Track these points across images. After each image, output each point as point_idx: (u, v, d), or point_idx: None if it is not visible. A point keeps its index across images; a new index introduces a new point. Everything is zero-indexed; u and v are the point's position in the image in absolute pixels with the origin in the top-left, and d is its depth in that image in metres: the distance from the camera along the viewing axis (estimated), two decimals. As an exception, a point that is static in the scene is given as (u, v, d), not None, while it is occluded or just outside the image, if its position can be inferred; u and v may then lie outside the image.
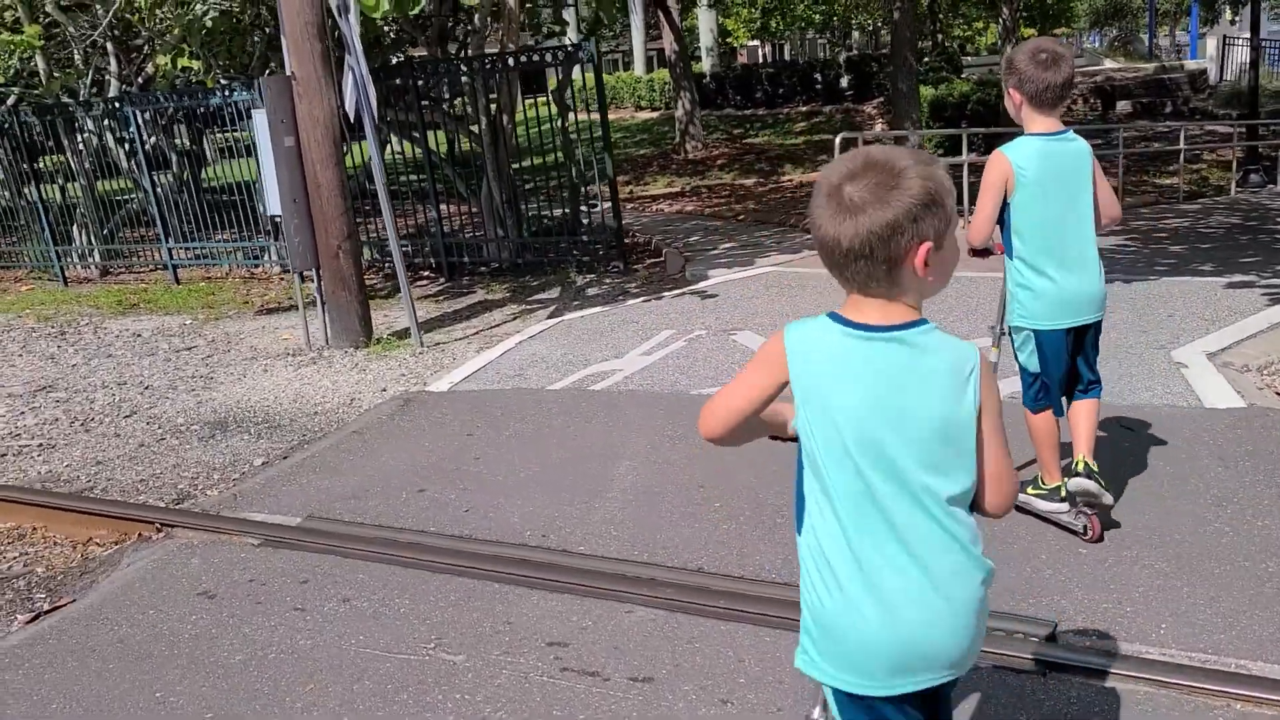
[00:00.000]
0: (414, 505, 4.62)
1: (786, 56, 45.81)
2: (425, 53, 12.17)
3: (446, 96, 11.64)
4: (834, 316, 1.69)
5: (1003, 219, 3.57)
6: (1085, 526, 3.67)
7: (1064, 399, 3.80)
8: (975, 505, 1.72)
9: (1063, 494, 3.72)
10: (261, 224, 11.28)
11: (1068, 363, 3.70)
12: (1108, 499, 3.64)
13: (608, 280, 10.01)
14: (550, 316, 8.57)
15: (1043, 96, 3.44)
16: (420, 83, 10.72)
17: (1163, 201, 14.42)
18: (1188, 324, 6.70)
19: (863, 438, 1.64)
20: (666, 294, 8.97)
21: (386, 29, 11.54)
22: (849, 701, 1.70)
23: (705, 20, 28.30)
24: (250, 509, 4.81)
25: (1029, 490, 3.83)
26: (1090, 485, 3.59)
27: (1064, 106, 3.50)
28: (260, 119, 7.87)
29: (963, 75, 26.32)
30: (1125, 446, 4.63)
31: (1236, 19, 34.62)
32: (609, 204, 10.30)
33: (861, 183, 1.59)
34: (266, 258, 11.67)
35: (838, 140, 12.21)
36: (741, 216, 14.80)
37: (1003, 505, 1.72)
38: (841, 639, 1.67)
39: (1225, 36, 26.94)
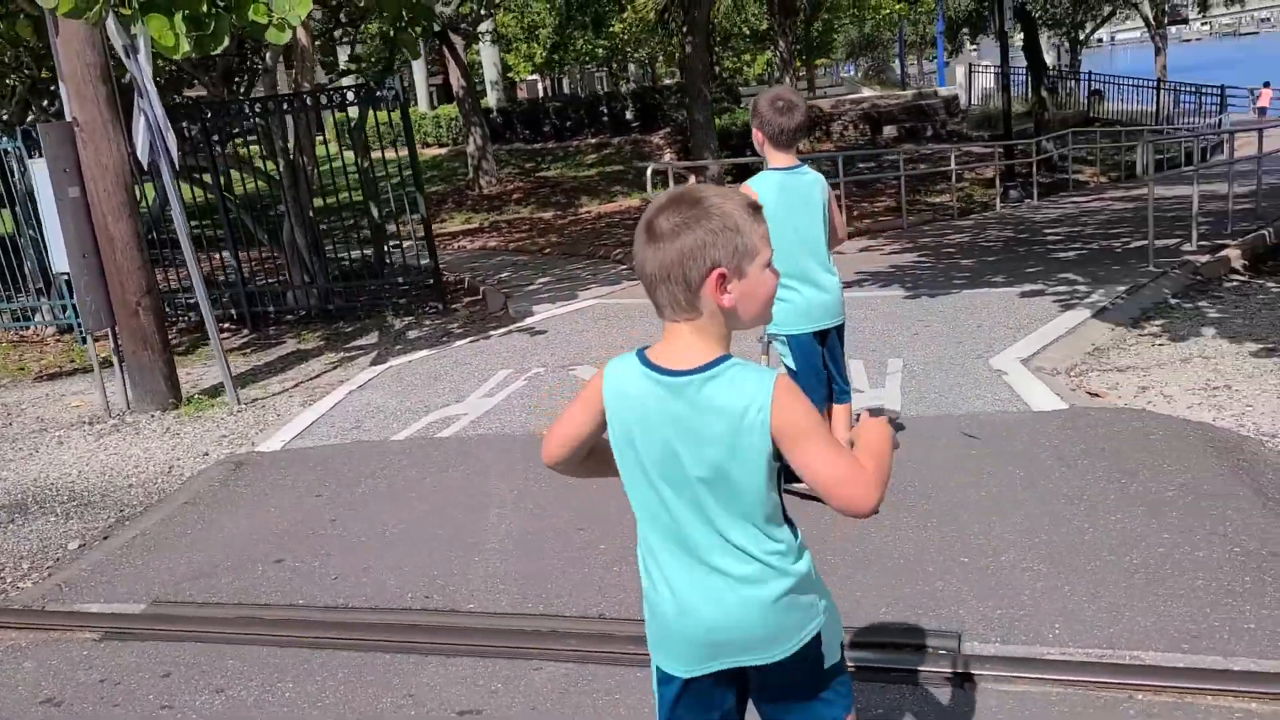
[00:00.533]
0: (274, 578, 4.30)
1: (566, 90, 46.36)
2: (205, 93, 11.55)
3: (240, 138, 11.07)
4: (640, 355, 1.81)
5: None
6: None
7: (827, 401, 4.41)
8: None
9: None
10: (29, 281, 10.33)
11: (822, 364, 4.31)
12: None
13: (428, 322, 9.75)
14: (374, 363, 8.26)
15: (780, 138, 4.04)
16: (212, 124, 10.14)
17: (940, 219, 15.44)
18: (996, 333, 7.15)
19: (659, 473, 1.80)
20: (493, 333, 8.82)
21: (164, 66, 10.86)
22: (663, 678, 1.95)
23: (488, 55, 28.25)
24: (81, 599, 4.35)
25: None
26: None
27: (800, 144, 4.12)
28: (39, 168, 7.22)
29: (742, 105, 27.42)
30: (974, 454, 4.87)
31: (975, 48, 37.70)
32: (423, 243, 10.06)
33: (667, 214, 1.74)
34: (39, 318, 10.70)
35: (648, 171, 12.41)
36: (548, 250, 14.79)
37: (853, 507, 1.75)
38: (655, 626, 1.92)
39: (971, 65, 29.28)
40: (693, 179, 15.45)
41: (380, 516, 4.84)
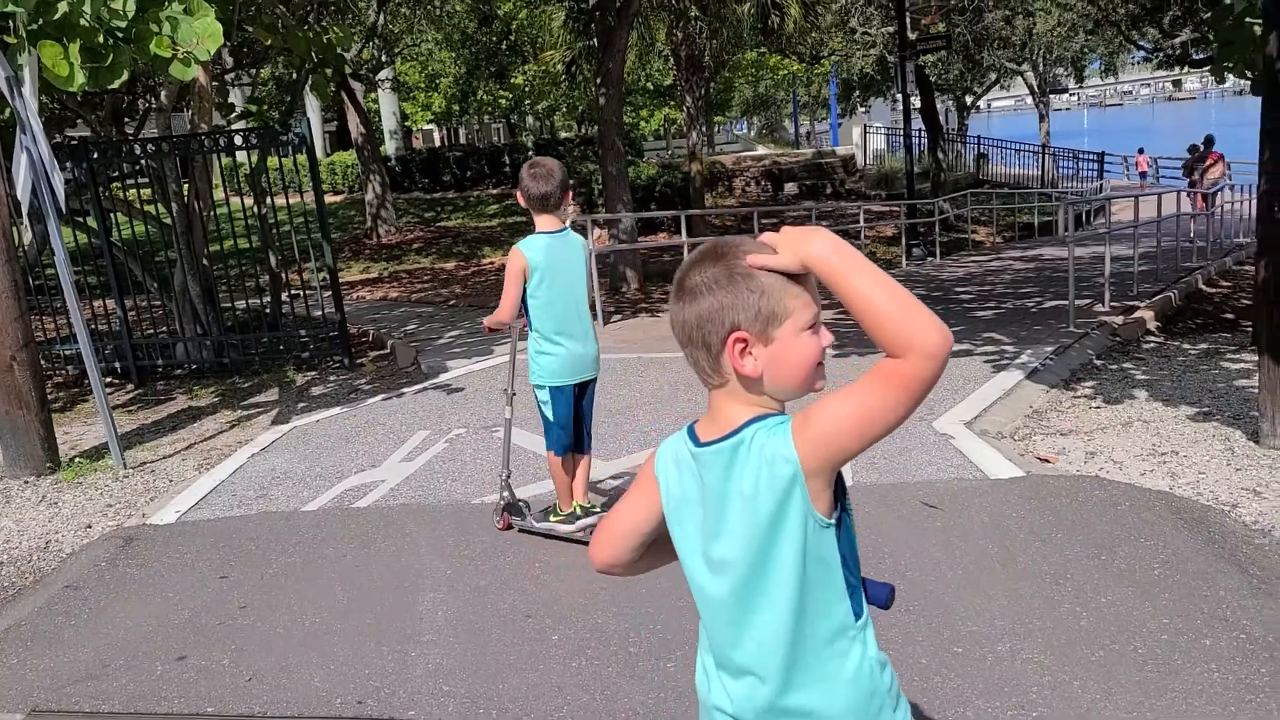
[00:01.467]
0: (177, 679, 3.75)
1: (462, 140, 45.97)
2: (88, 133, 10.83)
3: (130, 179, 10.37)
4: (689, 428, 1.66)
5: (525, 301, 4.40)
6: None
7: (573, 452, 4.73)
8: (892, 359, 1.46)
9: (577, 514, 4.69)
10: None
11: (574, 416, 4.61)
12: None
13: (333, 378, 9.18)
14: (276, 423, 7.66)
15: (540, 202, 4.35)
16: (99, 165, 9.45)
17: (849, 276, 15.51)
18: (935, 395, 6.97)
19: (703, 552, 1.63)
20: (406, 390, 8.31)
21: (48, 103, 10.13)
22: None
23: (387, 103, 27.72)
24: (-57, 708, 3.71)
25: (551, 518, 4.77)
26: (589, 520, 4.63)
27: (563, 210, 4.44)
28: (-97, 208, 6.51)
29: (645, 159, 27.48)
30: (940, 526, 4.62)
31: (867, 109, 38.74)
32: (322, 292, 9.52)
33: (695, 271, 1.58)
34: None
35: (589, 222, 12.04)
36: (452, 302, 14.32)
37: (925, 347, 1.42)
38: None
39: (866, 125, 29.99)
40: (601, 232, 15.24)
41: (298, 602, 4.32)
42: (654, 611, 3.94)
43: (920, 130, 22.06)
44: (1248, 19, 7.29)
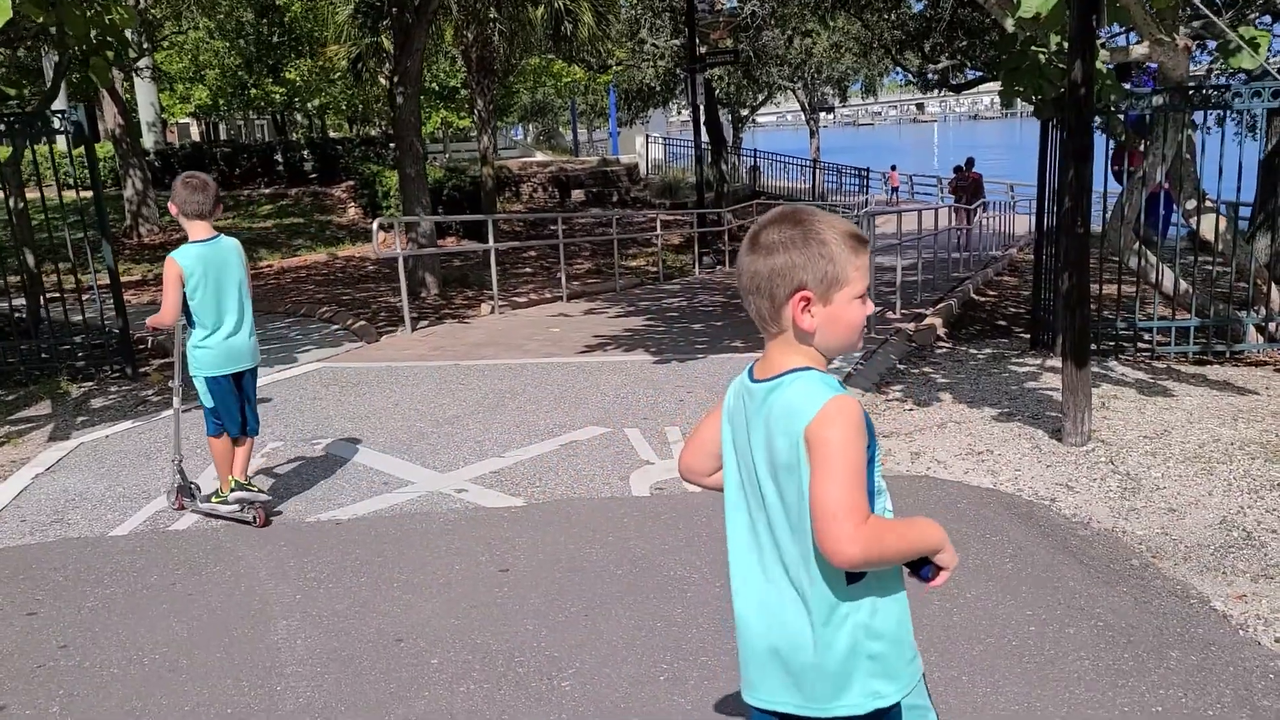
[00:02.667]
0: (-3, 735, 3.28)
1: (224, 135, 43.43)
2: None
3: None
4: (749, 368, 1.85)
5: (186, 301, 4.81)
6: (254, 517, 5.01)
7: (242, 435, 5.13)
8: None
9: (230, 499, 5.05)
10: None
11: (239, 401, 5.04)
12: (263, 496, 5.11)
13: (114, 389, 8.39)
14: (55, 439, 6.92)
15: (192, 211, 4.75)
16: None
17: (646, 282, 15.73)
18: (761, 400, 7.15)
19: (745, 480, 1.83)
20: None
21: None
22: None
23: (145, 93, 25.74)
24: None
25: (213, 499, 5.13)
26: (244, 494, 5.03)
27: (215, 216, 4.82)
28: None
29: (428, 159, 26.83)
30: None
31: (646, 120, 39.46)
32: (91, 295, 8.70)
33: (772, 230, 1.76)
34: None
35: (375, 225, 11.53)
36: (234, 306, 13.44)
37: (827, 545, 1.66)
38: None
39: (649, 135, 30.57)
40: (386, 235, 14.76)
41: (129, 638, 3.88)
42: (535, 628, 3.80)
43: (706, 142, 22.68)
44: (1032, 47, 7.89)
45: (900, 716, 1.82)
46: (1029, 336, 9.29)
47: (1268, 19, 15.52)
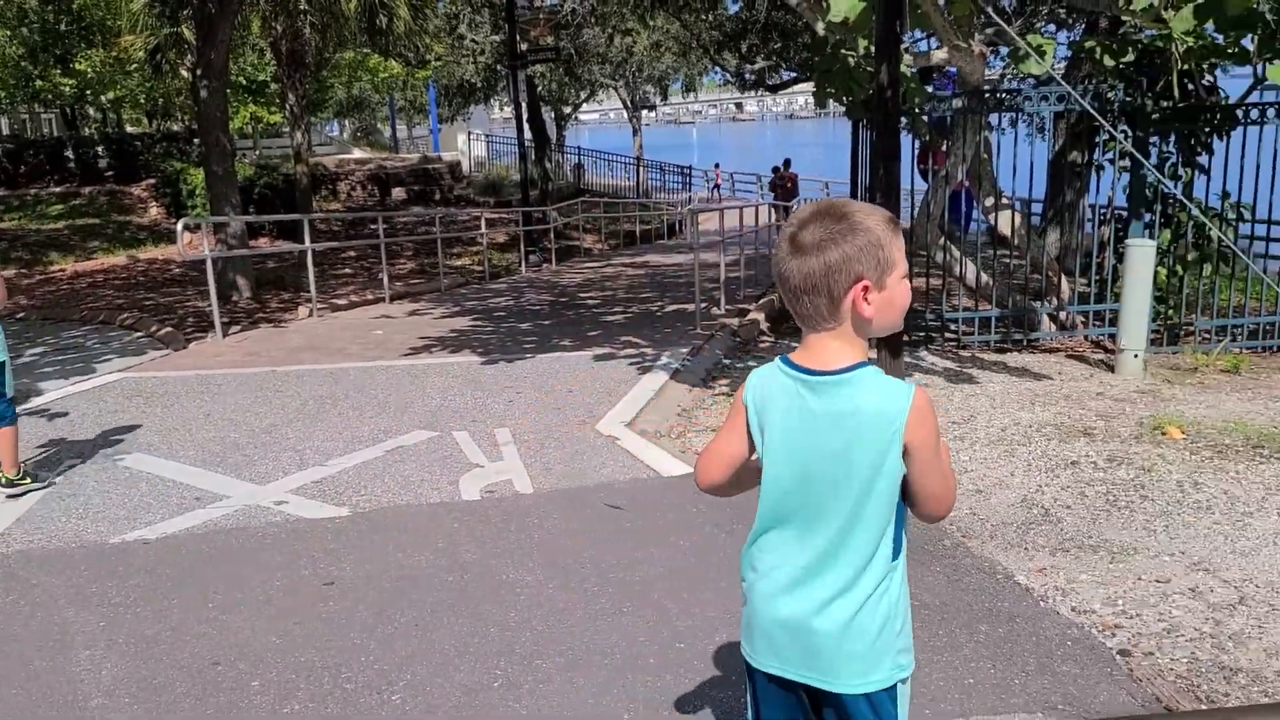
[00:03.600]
0: None
1: (4, 130, 40.31)
2: None
3: None
4: (784, 360, 1.88)
5: None
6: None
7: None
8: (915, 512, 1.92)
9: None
10: None
11: None
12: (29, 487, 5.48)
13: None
14: None
15: None
16: None
17: (471, 282, 15.52)
18: (591, 398, 7.17)
19: (798, 469, 1.86)
20: (-7, 418, 7.11)
21: None
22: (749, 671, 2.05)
23: (-88, 82, 23.63)
24: None
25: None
26: (15, 490, 5.44)
27: None
28: None
29: (239, 157, 25.65)
30: (629, 527, 4.73)
31: (467, 116, 38.97)
32: None
33: (812, 228, 1.79)
34: None
35: (180, 226, 10.92)
36: (21, 314, 12.53)
37: (944, 515, 1.91)
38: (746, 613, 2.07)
39: (471, 132, 30.18)
40: (191, 236, 14.01)
41: (-94, 682, 3.54)
42: (363, 641, 3.67)
43: (529, 139, 22.58)
44: (842, 50, 8.20)
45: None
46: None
47: (1053, 27, 16.61)
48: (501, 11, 18.88)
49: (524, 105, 18.74)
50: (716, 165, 34.60)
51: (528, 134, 20.00)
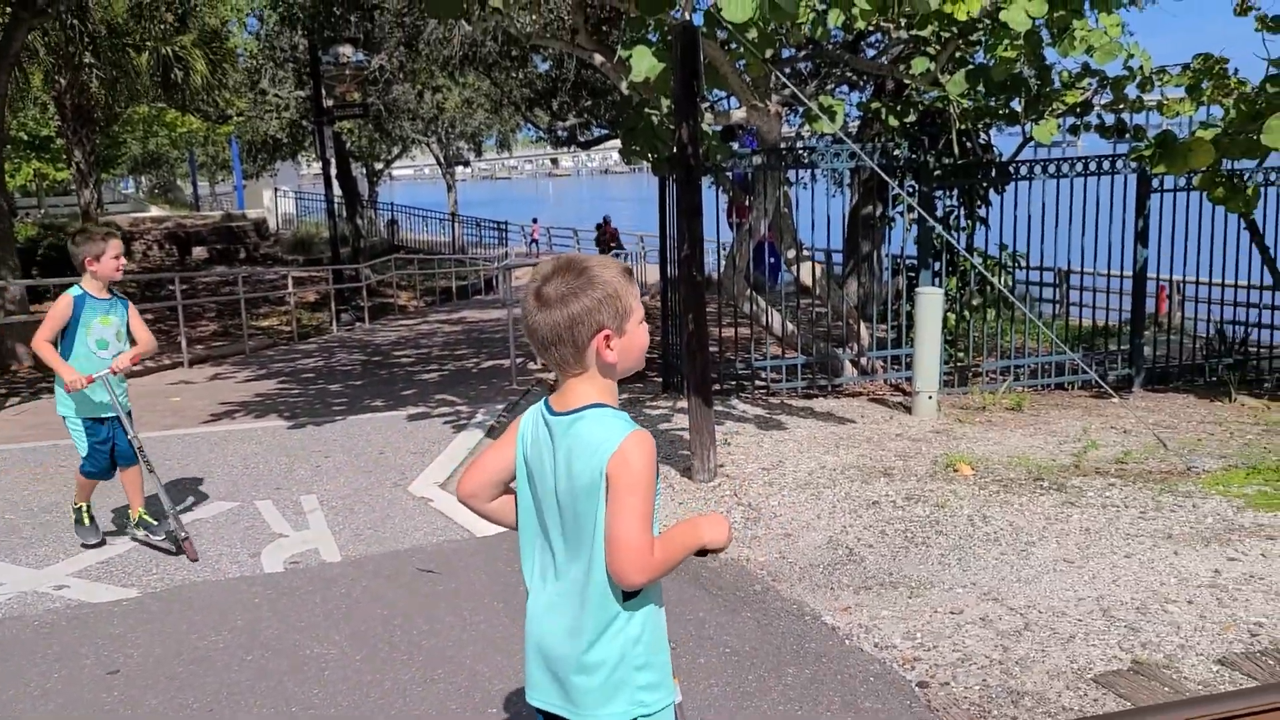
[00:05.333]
0: None
1: None
2: None
3: None
4: (545, 401, 2.01)
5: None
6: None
7: None
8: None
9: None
10: None
11: None
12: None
13: None
14: None
15: None
16: None
17: (279, 343, 14.97)
18: (403, 460, 7.00)
19: (542, 502, 1.98)
20: None
21: None
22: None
23: None
24: None
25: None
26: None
27: None
28: None
29: (16, 217, 24.03)
30: (442, 590, 4.62)
31: (274, 172, 37.91)
32: None
33: (554, 283, 1.91)
34: None
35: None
36: None
37: (617, 574, 1.87)
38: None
39: (277, 189, 29.30)
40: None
41: None
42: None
43: (339, 196, 22.14)
44: (646, 109, 8.41)
45: None
46: (661, 380, 9.80)
47: (846, 88, 17.57)
48: (306, 67, 18.50)
49: (333, 161, 18.34)
50: (534, 220, 34.76)
51: (337, 190, 19.56)
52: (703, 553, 2.02)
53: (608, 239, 22.17)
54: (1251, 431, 7.00)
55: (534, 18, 13.68)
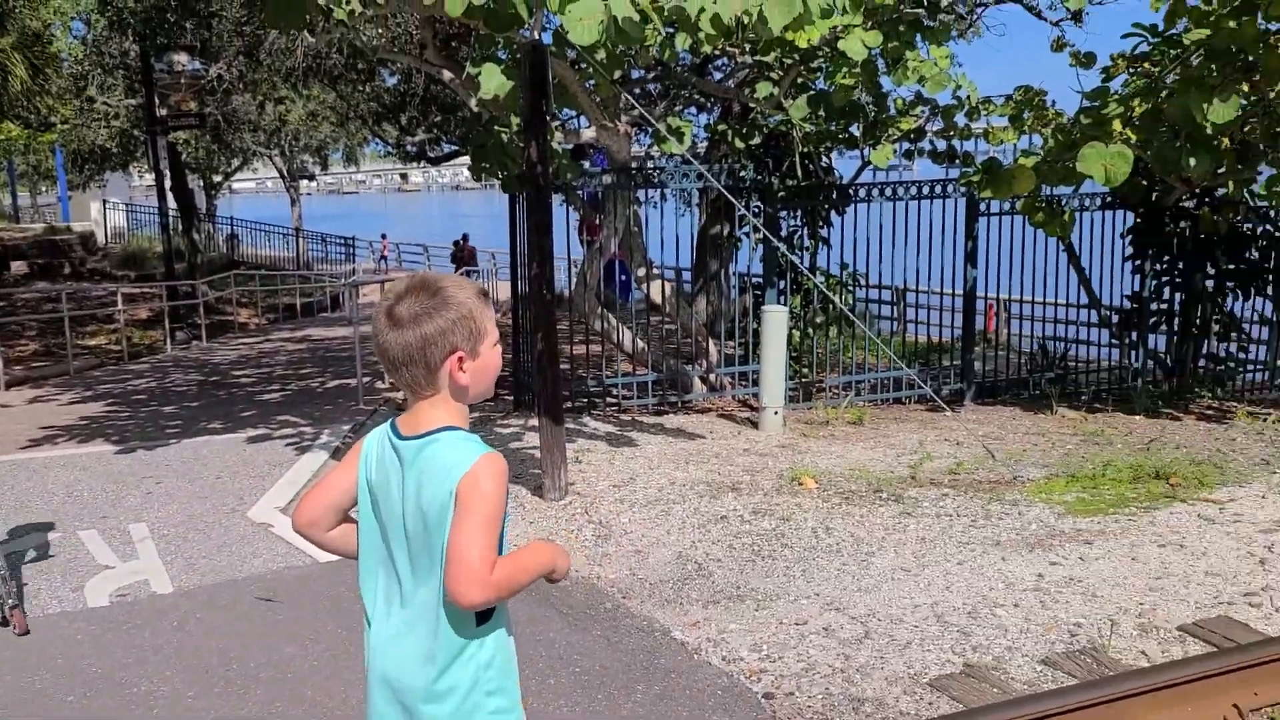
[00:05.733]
0: None
1: None
2: None
3: None
4: (391, 423, 1.95)
5: None
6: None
7: None
8: None
9: None
10: None
11: None
12: None
13: None
14: None
15: None
16: None
17: (108, 363, 14.20)
18: (242, 484, 6.73)
19: (385, 527, 1.93)
20: None
21: None
22: None
23: None
24: None
25: None
26: None
27: None
28: None
29: None
30: (282, 619, 4.47)
31: (103, 184, 36.07)
32: None
33: (407, 302, 1.87)
34: None
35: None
36: None
37: (453, 592, 1.81)
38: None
39: (106, 201, 27.84)
40: None
41: None
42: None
43: (174, 209, 21.19)
44: (496, 127, 8.37)
45: None
46: (513, 398, 9.73)
47: (694, 110, 17.91)
48: (137, 74, 17.66)
49: (167, 173, 17.55)
50: (383, 236, 34.06)
51: (172, 203, 18.72)
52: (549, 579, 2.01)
53: (465, 259, 21.90)
54: (1071, 441, 7.43)
55: (381, 31, 13.45)
